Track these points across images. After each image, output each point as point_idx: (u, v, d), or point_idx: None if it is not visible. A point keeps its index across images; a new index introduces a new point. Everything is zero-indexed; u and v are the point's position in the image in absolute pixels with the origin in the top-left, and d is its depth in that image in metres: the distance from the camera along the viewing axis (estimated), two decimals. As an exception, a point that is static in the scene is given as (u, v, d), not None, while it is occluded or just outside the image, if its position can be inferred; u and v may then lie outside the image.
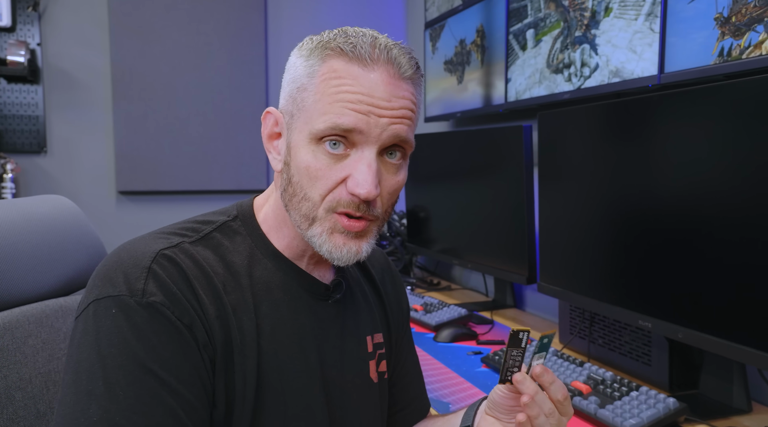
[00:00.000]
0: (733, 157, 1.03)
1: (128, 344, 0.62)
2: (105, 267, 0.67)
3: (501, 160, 1.81)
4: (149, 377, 0.62)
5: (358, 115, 0.66)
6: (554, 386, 0.70)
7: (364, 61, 0.66)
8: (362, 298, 0.86)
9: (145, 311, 0.63)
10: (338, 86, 0.66)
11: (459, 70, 2.35)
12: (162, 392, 0.62)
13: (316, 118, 0.67)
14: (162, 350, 0.63)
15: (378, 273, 0.92)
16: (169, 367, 0.63)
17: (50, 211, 0.98)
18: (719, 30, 1.22)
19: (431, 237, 2.29)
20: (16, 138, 2.56)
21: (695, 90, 1.11)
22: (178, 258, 0.67)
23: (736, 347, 1.03)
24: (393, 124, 0.67)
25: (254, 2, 2.82)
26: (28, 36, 2.55)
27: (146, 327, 0.63)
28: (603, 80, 1.55)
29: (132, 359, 0.62)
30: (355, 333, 0.81)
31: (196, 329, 0.65)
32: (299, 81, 0.70)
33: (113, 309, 0.63)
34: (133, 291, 0.64)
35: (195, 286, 0.67)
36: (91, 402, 0.60)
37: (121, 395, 0.60)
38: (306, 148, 0.68)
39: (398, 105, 0.67)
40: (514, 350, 0.71)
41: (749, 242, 1.00)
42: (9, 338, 0.84)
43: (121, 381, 0.61)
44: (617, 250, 1.32)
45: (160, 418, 0.61)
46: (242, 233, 0.75)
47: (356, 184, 0.67)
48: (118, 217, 2.71)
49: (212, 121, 2.77)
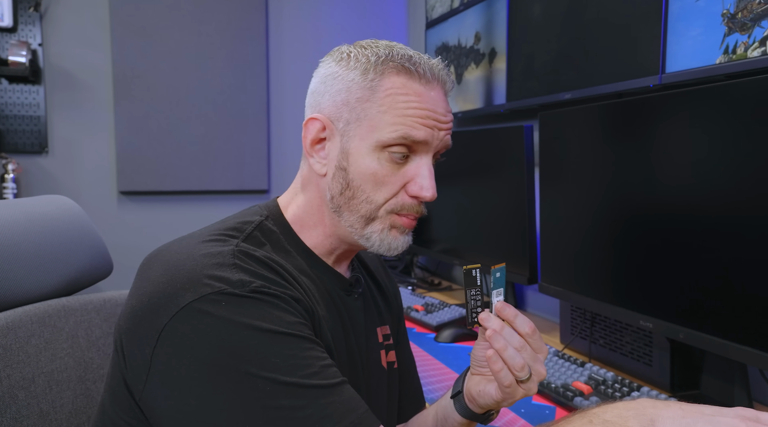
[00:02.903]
0: (734, 157, 1.03)
1: (254, 322, 0.63)
2: (181, 273, 0.66)
3: (502, 161, 1.81)
4: (290, 338, 0.64)
5: (427, 130, 0.74)
6: (519, 320, 0.75)
7: (426, 80, 0.74)
8: (369, 293, 0.91)
9: (253, 294, 0.65)
10: (407, 102, 0.73)
11: (460, 70, 2.36)
12: (307, 345, 0.65)
13: (383, 128, 0.73)
14: (285, 316, 0.66)
15: (374, 268, 0.97)
16: (298, 328, 0.66)
17: (52, 211, 0.98)
18: (726, 26, 1.22)
19: (432, 237, 2.29)
20: (17, 138, 2.56)
21: (696, 90, 1.11)
22: (250, 251, 0.70)
23: (737, 347, 1.03)
24: (447, 135, 0.77)
25: (256, 3, 2.82)
26: (30, 36, 2.55)
27: (261, 306, 0.65)
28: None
29: (267, 331, 0.63)
30: (369, 325, 0.87)
31: (299, 301, 0.69)
32: (357, 92, 0.75)
33: (222, 302, 0.64)
34: (233, 284, 0.65)
35: (277, 270, 0.70)
36: (256, 380, 0.61)
37: (278, 362, 0.62)
38: (370, 156, 0.74)
39: (449, 119, 0.77)
40: (471, 289, 0.75)
41: (750, 243, 1.00)
42: (12, 337, 0.84)
43: (270, 350, 0.63)
44: (618, 250, 1.32)
45: (316, 363, 0.65)
46: (276, 231, 0.79)
47: (421, 188, 0.75)
48: (119, 217, 2.71)
49: (214, 122, 2.77)
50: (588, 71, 1.61)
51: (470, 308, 0.76)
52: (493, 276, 0.75)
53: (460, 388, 0.83)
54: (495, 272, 0.75)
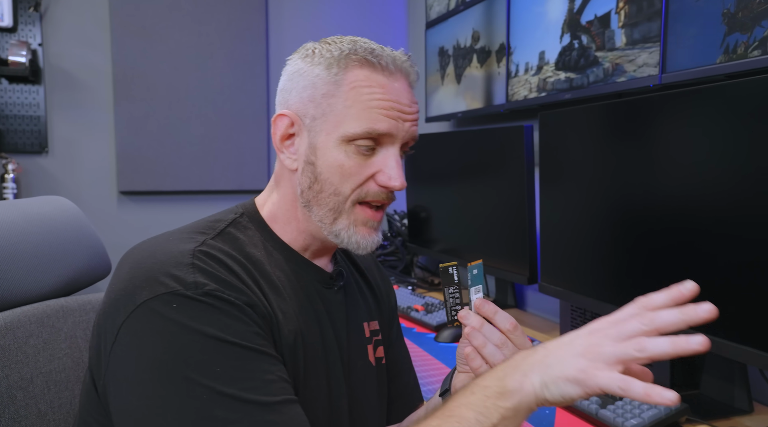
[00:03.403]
0: (734, 157, 1.03)
1: (202, 327, 0.64)
2: (142, 271, 0.68)
3: (502, 161, 1.81)
4: (236, 348, 0.64)
5: (391, 121, 0.75)
6: (499, 316, 0.74)
7: (389, 71, 0.76)
8: (356, 288, 0.92)
9: (205, 298, 0.65)
10: (371, 94, 0.74)
11: (460, 70, 2.35)
12: (252, 356, 0.65)
13: (349, 122, 0.74)
14: (234, 324, 0.66)
15: (365, 266, 0.98)
16: (248, 337, 0.66)
17: (51, 212, 0.98)
18: (726, 26, 1.22)
19: (432, 237, 2.29)
20: (17, 138, 2.56)
21: (696, 90, 1.11)
22: (213, 251, 0.71)
23: (737, 347, 1.03)
24: (412, 127, 0.78)
25: (256, 3, 2.82)
26: (30, 36, 2.55)
27: (212, 312, 0.65)
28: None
29: (213, 337, 0.64)
30: (354, 319, 0.88)
31: (254, 306, 0.69)
32: (323, 88, 0.76)
33: (174, 304, 0.64)
34: (187, 285, 0.65)
35: (237, 272, 0.71)
36: (194, 387, 0.62)
37: (219, 371, 0.63)
38: (337, 149, 0.75)
39: (415, 109, 0.78)
40: (449, 287, 0.74)
41: (751, 242, 1.00)
42: (10, 337, 0.84)
43: (214, 358, 0.63)
44: (618, 250, 1.32)
45: (260, 376, 0.64)
46: (251, 228, 0.80)
47: (389, 178, 0.76)
48: (119, 217, 2.71)
49: (214, 122, 2.77)
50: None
51: (449, 305, 0.76)
52: (470, 273, 0.75)
53: (448, 386, 0.84)
54: (472, 268, 0.75)
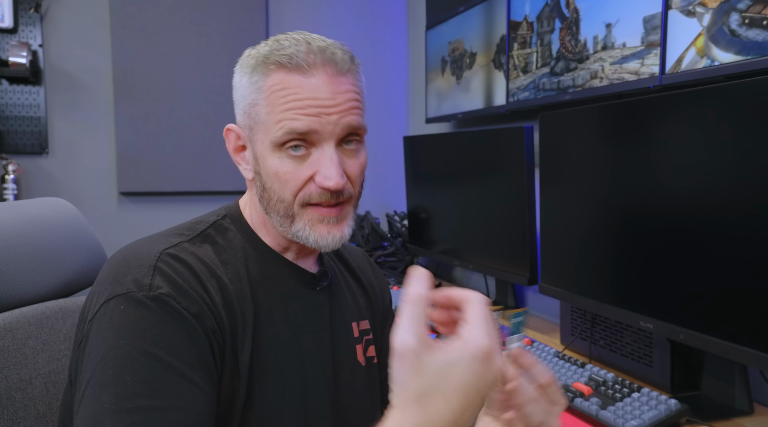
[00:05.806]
0: (734, 158, 1.03)
1: (136, 334, 0.65)
2: (111, 271, 0.71)
3: (502, 162, 1.80)
4: (155, 362, 0.64)
5: (309, 118, 0.73)
6: (536, 369, 0.67)
7: (302, 69, 0.73)
8: (346, 287, 0.92)
9: (152, 302, 0.67)
10: (285, 97, 0.73)
11: (459, 71, 2.35)
12: (168, 375, 0.65)
13: (272, 127, 0.74)
14: (169, 336, 0.66)
15: (358, 265, 0.98)
16: (176, 352, 0.66)
17: (49, 213, 0.98)
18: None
19: (432, 238, 2.29)
20: (17, 139, 2.56)
21: (697, 91, 1.10)
22: (182, 255, 0.73)
23: (737, 348, 1.03)
24: (343, 118, 0.74)
25: (256, 4, 2.82)
26: (30, 37, 2.55)
27: (153, 317, 0.66)
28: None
29: (138, 347, 0.65)
30: (341, 319, 0.88)
31: (204, 317, 0.69)
32: (249, 97, 0.77)
33: (122, 305, 0.67)
34: (141, 287, 0.68)
35: (201, 278, 0.72)
36: (103, 391, 0.63)
37: (129, 381, 0.63)
38: (271, 157, 0.75)
39: (343, 99, 0.74)
40: None
41: (751, 243, 1.00)
42: (9, 339, 0.84)
43: (128, 368, 0.64)
44: (619, 251, 1.31)
45: (166, 400, 0.64)
46: (233, 230, 0.82)
47: (324, 178, 0.74)
48: (119, 218, 2.71)
49: (214, 123, 2.77)
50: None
51: None
52: (513, 321, 0.70)
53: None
54: (514, 317, 0.70)
